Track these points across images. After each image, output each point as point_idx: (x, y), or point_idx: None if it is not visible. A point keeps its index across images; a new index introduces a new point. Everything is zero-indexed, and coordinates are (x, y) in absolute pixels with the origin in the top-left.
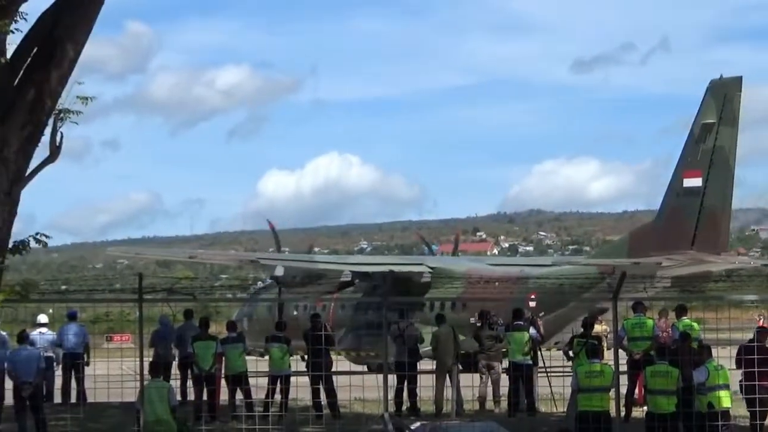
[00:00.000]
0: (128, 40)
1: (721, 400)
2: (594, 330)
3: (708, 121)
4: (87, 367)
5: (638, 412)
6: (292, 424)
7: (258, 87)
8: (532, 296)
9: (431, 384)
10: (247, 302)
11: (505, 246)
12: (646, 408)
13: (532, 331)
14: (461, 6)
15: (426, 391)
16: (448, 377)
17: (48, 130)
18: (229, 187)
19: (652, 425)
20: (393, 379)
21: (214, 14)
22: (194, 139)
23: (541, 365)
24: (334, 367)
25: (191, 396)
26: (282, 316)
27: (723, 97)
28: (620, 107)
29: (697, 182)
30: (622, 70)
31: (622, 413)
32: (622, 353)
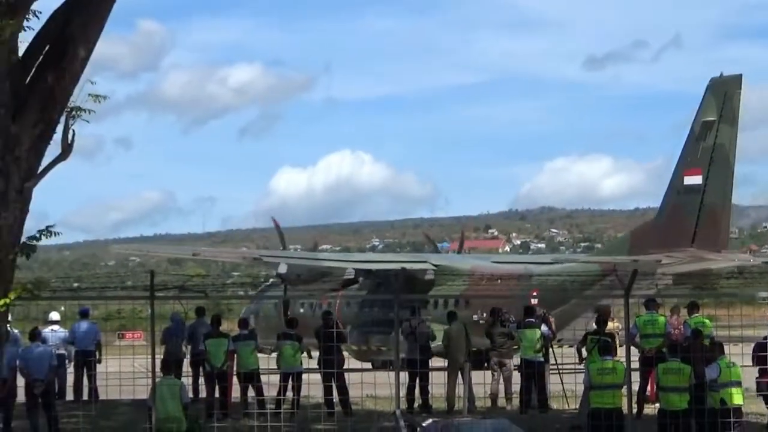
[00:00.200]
0: (140, 38)
1: (733, 396)
2: (607, 327)
3: (708, 119)
4: (99, 364)
5: (650, 409)
6: (303, 421)
7: (270, 85)
8: (534, 293)
9: (443, 381)
10: (254, 299)
11: (517, 243)
12: (658, 405)
13: (543, 328)
14: (472, 3)
15: (438, 388)
16: (460, 374)
17: (60, 128)
18: (241, 184)
19: (664, 422)
20: (405, 377)
21: (227, 12)
22: (206, 137)
23: (553, 362)
24: (346, 365)
25: (203, 393)
26: (288, 313)
27: (723, 95)
28: (632, 104)
29: (697, 180)
30: (634, 68)
31: (635, 410)
32: (634, 350)
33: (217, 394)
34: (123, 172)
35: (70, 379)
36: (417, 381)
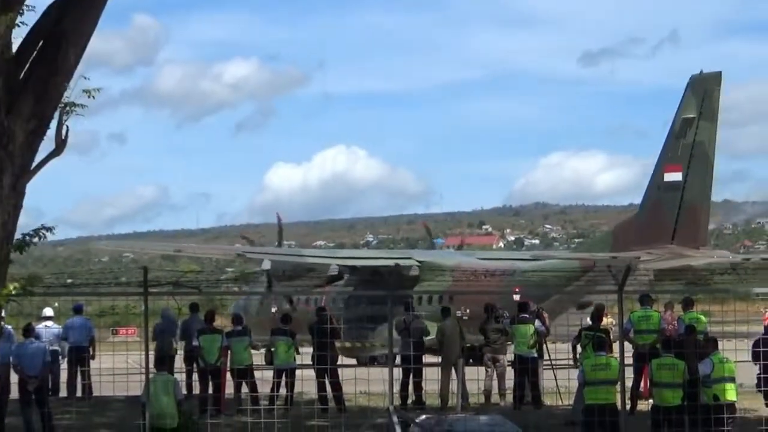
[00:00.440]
0: (135, 33)
1: (727, 392)
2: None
3: (688, 115)
4: (92, 360)
5: (644, 405)
6: (297, 417)
7: (265, 80)
8: (516, 290)
9: (436, 377)
10: (242, 296)
11: (511, 239)
12: (651, 401)
13: (537, 323)
14: None
15: (431, 385)
16: (454, 370)
17: (54, 124)
18: (235, 180)
19: (657, 418)
20: (398, 373)
21: (222, 7)
22: (201, 133)
23: (546, 358)
24: (339, 361)
25: (197, 389)
26: (269, 310)
27: (703, 92)
28: (627, 101)
29: (677, 176)
30: (630, 63)
31: (628, 406)
32: (628, 346)
33: (210, 390)
34: (117, 168)
35: (64, 375)
36: (411, 377)
